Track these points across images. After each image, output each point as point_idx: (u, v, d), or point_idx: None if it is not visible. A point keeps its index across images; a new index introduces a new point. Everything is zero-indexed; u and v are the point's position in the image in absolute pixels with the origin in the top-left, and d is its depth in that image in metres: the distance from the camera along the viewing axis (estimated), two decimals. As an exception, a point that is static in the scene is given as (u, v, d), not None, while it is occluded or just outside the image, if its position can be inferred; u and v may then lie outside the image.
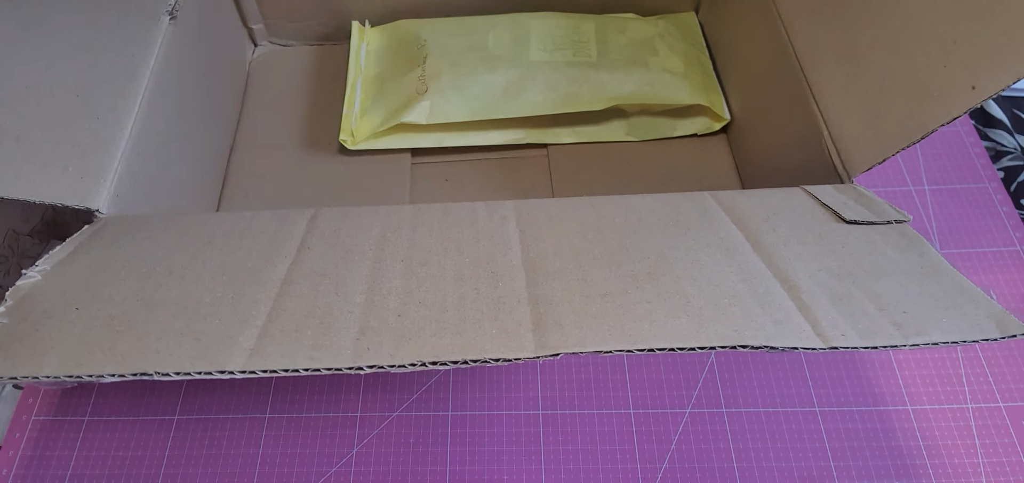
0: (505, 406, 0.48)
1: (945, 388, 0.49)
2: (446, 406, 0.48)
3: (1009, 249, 0.55)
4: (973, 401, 0.48)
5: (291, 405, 0.48)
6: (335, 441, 0.46)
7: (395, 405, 0.48)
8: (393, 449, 0.46)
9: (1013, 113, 0.65)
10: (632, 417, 0.47)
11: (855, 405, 0.48)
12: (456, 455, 0.46)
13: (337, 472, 0.45)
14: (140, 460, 0.46)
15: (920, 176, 0.60)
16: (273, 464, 0.46)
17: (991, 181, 0.59)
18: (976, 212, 0.58)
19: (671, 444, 0.46)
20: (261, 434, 0.47)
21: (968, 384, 0.49)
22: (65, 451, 0.46)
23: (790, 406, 0.48)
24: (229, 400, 0.48)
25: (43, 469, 0.45)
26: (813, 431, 0.47)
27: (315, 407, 0.48)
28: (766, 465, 0.46)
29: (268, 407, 0.48)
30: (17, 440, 0.46)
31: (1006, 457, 0.46)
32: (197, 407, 0.48)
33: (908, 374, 0.49)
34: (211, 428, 0.47)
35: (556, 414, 0.48)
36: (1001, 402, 0.48)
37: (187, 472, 0.45)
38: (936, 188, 0.59)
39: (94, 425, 0.47)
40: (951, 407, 0.48)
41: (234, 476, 0.45)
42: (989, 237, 0.56)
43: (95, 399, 0.48)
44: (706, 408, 0.48)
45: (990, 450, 0.46)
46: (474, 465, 0.46)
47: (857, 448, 0.46)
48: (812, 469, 0.45)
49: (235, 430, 0.47)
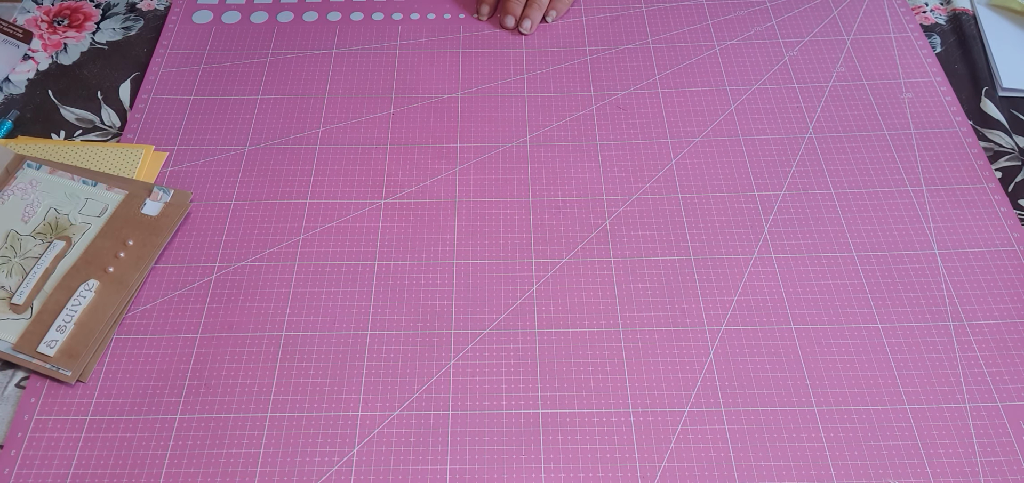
0: (505, 406, 0.48)
1: (943, 388, 0.49)
2: (446, 406, 0.48)
3: (1007, 249, 0.55)
4: (971, 401, 0.48)
5: (291, 405, 0.48)
6: (335, 441, 0.47)
7: (395, 405, 0.48)
8: (393, 449, 0.46)
9: (1011, 114, 0.65)
10: (631, 417, 0.48)
11: (853, 405, 0.48)
12: (456, 455, 0.46)
13: (337, 472, 0.45)
14: (142, 459, 0.46)
15: (918, 177, 0.60)
16: (273, 464, 0.46)
17: (989, 181, 0.59)
18: (974, 212, 0.58)
19: (670, 444, 0.47)
20: (261, 434, 0.47)
21: (966, 384, 0.49)
22: (67, 451, 0.46)
23: (789, 406, 0.48)
24: (230, 400, 0.48)
25: (45, 469, 0.45)
26: (811, 431, 0.47)
27: (315, 407, 0.48)
28: (765, 465, 0.46)
29: (268, 407, 0.48)
30: (19, 440, 0.46)
31: (1004, 457, 0.46)
32: (198, 407, 0.48)
33: (906, 374, 0.49)
34: (212, 428, 0.47)
35: (556, 414, 0.48)
36: (999, 402, 0.48)
37: (188, 472, 0.45)
38: (934, 189, 0.59)
39: (96, 424, 0.47)
40: (949, 407, 0.48)
41: (234, 476, 0.45)
42: (987, 237, 0.56)
43: (97, 399, 0.48)
44: (705, 408, 0.48)
45: (988, 450, 0.46)
46: (474, 465, 0.46)
47: (855, 448, 0.46)
48: (810, 469, 0.46)
49: (235, 430, 0.47)
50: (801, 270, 0.54)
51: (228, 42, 0.70)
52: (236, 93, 0.66)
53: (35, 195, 0.57)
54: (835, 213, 0.58)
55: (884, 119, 0.64)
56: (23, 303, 0.51)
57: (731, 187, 0.59)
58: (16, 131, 0.63)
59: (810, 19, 0.72)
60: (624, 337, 0.51)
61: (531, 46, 0.70)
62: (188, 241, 0.56)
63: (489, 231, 0.57)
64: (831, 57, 0.69)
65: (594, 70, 0.68)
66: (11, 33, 0.67)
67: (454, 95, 0.66)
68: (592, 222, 0.57)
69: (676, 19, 0.73)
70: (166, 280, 0.54)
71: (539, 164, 0.61)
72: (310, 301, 0.53)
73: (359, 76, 0.67)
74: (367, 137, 0.63)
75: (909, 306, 0.53)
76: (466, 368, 0.50)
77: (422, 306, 0.53)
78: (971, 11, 0.74)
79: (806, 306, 0.53)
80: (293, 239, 0.56)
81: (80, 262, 0.53)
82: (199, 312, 0.52)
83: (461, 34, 0.71)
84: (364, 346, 0.51)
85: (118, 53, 0.69)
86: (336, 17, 0.72)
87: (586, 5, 0.74)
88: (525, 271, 0.54)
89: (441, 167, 0.61)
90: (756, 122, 0.64)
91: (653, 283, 0.54)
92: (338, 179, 0.60)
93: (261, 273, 0.54)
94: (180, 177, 0.60)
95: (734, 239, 0.56)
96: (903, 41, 0.70)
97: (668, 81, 0.67)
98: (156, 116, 0.64)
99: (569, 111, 0.65)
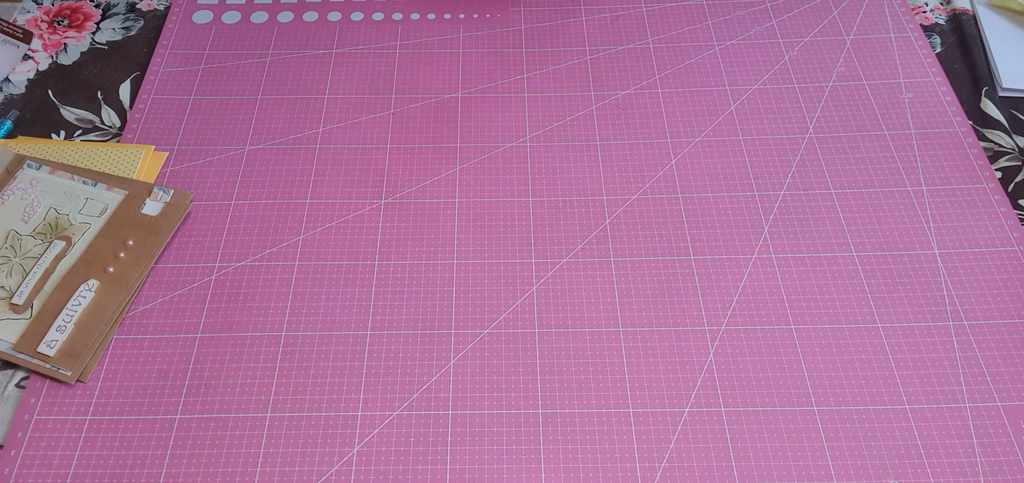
0: (505, 406, 0.48)
1: (943, 388, 0.49)
2: (446, 406, 0.48)
3: (1007, 249, 0.55)
4: (971, 401, 0.48)
5: (291, 405, 0.48)
6: (335, 441, 0.47)
7: (395, 405, 0.48)
8: (393, 449, 0.46)
9: (1011, 114, 0.65)
10: (631, 417, 0.48)
11: (853, 405, 0.48)
12: (456, 455, 0.46)
13: (337, 472, 0.45)
14: (142, 459, 0.46)
15: (918, 177, 0.60)
16: (273, 464, 0.46)
17: (989, 181, 0.59)
18: (974, 212, 0.58)
19: (670, 444, 0.47)
20: (261, 434, 0.47)
21: (966, 384, 0.49)
22: (67, 451, 0.46)
23: (789, 406, 0.48)
24: (230, 400, 0.48)
25: (45, 468, 0.45)
26: (811, 431, 0.47)
27: (315, 407, 0.48)
28: (765, 465, 0.46)
29: (268, 407, 0.48)
30: (19, 440, 0.46)
31: (1004, 457, 0.46)
32: (198, 407, 0.48)
33: (906, 374, 0.49)
34: (212, 428, 0.47)
35: (556, 414, 0.48)
36: (999, 402, 0.48)
37: (188, 472, 0.45)
38: (934, 189, 0.59)
39: (96, 424, 0.47)
40: (949, 407, 0.48)
41: (234, 476, 0.45)
42: (987, 237, 0.56)
43: (97, 399, 0.48)
44: (705, 408, 0.48)
45: (988, 450, 0.46)
46: (474, 465, 0.46)
47: (855, 448, 0.46)
48: (810, 469, 0.46)
49: (235, 430, 0.47)
50: (801, 270, 0.54)
51: (228, 42, 0.70)
52: (236, 93, 0.66)
53: (35, 195, 0.57)
54: (835, 213, 0.58)
55: (884, 119, 0.64)
56: (23, 303, 0.51)
57: (731, 187, 0.59)
58: (16, 131, 0.63)
59: (810, 19, 0.72)
60: (624, 337, 0.51)
61: (531, 46, 0.70)
62: (188, 241, 0.56)
63: (489, 231, 0.57)
64: (831, 57, 0.69)
65: (594, 70, 0.68)
66: (11, 33, 0.67)
67: (454, 95, 0.66)
68: (592, 222, 0.57)
69: (676, 19, 0.73)
70: (166, 280, 0.54)
71: (539, 164, 0.61)
72: (310, 301, 0.53)
73: (359, 76, 0.67)
74: (367, 137, 0.63)
75: (909, 306, 0.53)
76: (466, 368, 0.50)
77: (422, 306, 0.53)
78: (971, 11, 0.74)
79: (806, 306, 0.53)
80: (293, 239, 0.56)
81: (80, 262, 0.53)
82: (199, 312, 0.52)
83: (461, 34, 0.71)
84: (364, 346, 0.51)
85: (118, 53, 0.69)
86: (336, 17, 0.72)
87: (586, 5, 0.74)
88: (525, 271, 0.54)
89: (441, 167, 0.61)
90: (756, 122, 0.64)
91: (653, 283, 0.54)
92: (338, 179, 0.60)
93: (261, 273, 0.54)
94: (180, 177, 0.60)
95: (734, 239, 0.56)
96: (903, 41, 0.70)
97: (668, 81, 0.67)
98: (156, 116, 0.64)
99: (569, 111, 0.65)
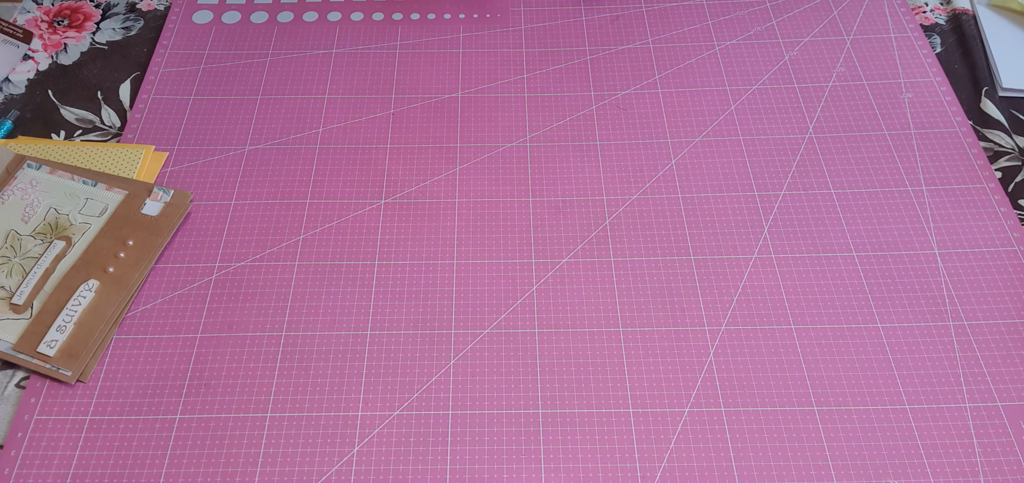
0: (505, 406, 0.48)
1: (943, 388, 0.49)
2: (446, 406, 0.48)
3: (1007, 249, 0.55)
4: (971, 401, 0.48)
5: (291, 405, 0.48)
6: (335, 441, 0.47)
7: (395, 405, 0.48)
8: (393, 449, 0.46)
9: (1011, 114, 0.65)
10: (631, 417, 0.48)
11: (853, 405, 0.48)
12: (456, 455, 0.46)
13: (337, 472, 0.45)
14: (142, 459, 0.46)
15: (918, 177, 0.60)
16: (273, 464, 0.46)
17: (989, 181, 0.59)
18: (974, 212, 0.58)
19: (670, 444, 0.47)
20: (261, 434, 0.47)
21: (966, 384, 0.49)
22: (67, 451, 0.46)
23: (789, 406, 0.48)
24: (230, 400, 0.48)
25: (45, 468, 0.45)
26: (811, 431, 0.47)
27: (315, 407, 0.48)
28: (765, 465, 0.46)
29: (268, 407, 0.48)
30: (19, 440, 0.46)
31: (1004, 457, 0.46)
32: (198, 407, 0.48)
33: (906, 374, 0.49)
34: (212, 428, 0.47)
35: (556, 414, 0.48)
36: (999, 402, 0.48)
37: (188, 472, 0.45)
38: (934, 189, 0.59)
39: (96, 424, 0.47)
40: (949, 407, 0.48)
41: (234, 476, 0.45)
42: (987, 237, 0.56)
43: (97, 399, 0.48)
44: (705, 408, 0.48)
45: (988, 450, 0.46)
46: (474, 465, 0.46)
47: (855, 448, 0.46)
48: (810, 469, 0.46)
49: (235, 430, 0.47)
50: (801, 270, 0.54)
51: (228, 42, 0.70)
52: (236, 93, 0.66)
53: (35, 195, 0.57)
54: (835, 213, 0.58)
55: (884, 119, 0.64)
56: (23, 303, 0.51)
57: (731, 187, 0.59)
58: (16, 131, 0.63)
59: (810, 19, 0.72)
60: (624, 337, 0.51)
61: (531, 46, 0.70)
62: (188, 241, 0.56)
63: (489, 231, 0.57)
64: (831, 57, 0.69)
65: (594, 70, 0.68)
66: (11, 33, 0.67)
67: (454, 95, 0.66)
68: (592, 222, 0.57)
69: (676, 19, 0.73)
70: (166, 280, 0.54)
71: (539, 164, 0.61)
72: (310, 301, 0.53)
73: (359, 76, 0.67)
74: (367, 137, 0.63)
75: (909, 306, 0.53)
76: (466, 368, 0.50)
77: (422, 306, 0.53)
78: (971, 11, 0.74)
79: (806, 306, 0.53)
80: (293, 239, 0.56)
81: (80, 262, 0.53)
82: (199, 312, 0.52)
83: (461, 34, 0.71)
84: (364, 346, 0.51)
85: (118, 53, 0.69)
86: (336, 17, 0.72)
87: (586, 5, 0.74)
88: (525, 271, 0.54)
89: (441, 167, 0.61)
90: (756, 122, 0.64)
91: (653, 283, 0.54)
92: (338, 179, 0.60)
93: (261, 273, 0.54)
94: (180, 177, 0.60)
95: (734, 239, 0.56)
96: (903, 41, 0.70)
97: (668, 81, 0.67)
98: (156, 116, 0.64)
99: (569, 111, 0.65)
